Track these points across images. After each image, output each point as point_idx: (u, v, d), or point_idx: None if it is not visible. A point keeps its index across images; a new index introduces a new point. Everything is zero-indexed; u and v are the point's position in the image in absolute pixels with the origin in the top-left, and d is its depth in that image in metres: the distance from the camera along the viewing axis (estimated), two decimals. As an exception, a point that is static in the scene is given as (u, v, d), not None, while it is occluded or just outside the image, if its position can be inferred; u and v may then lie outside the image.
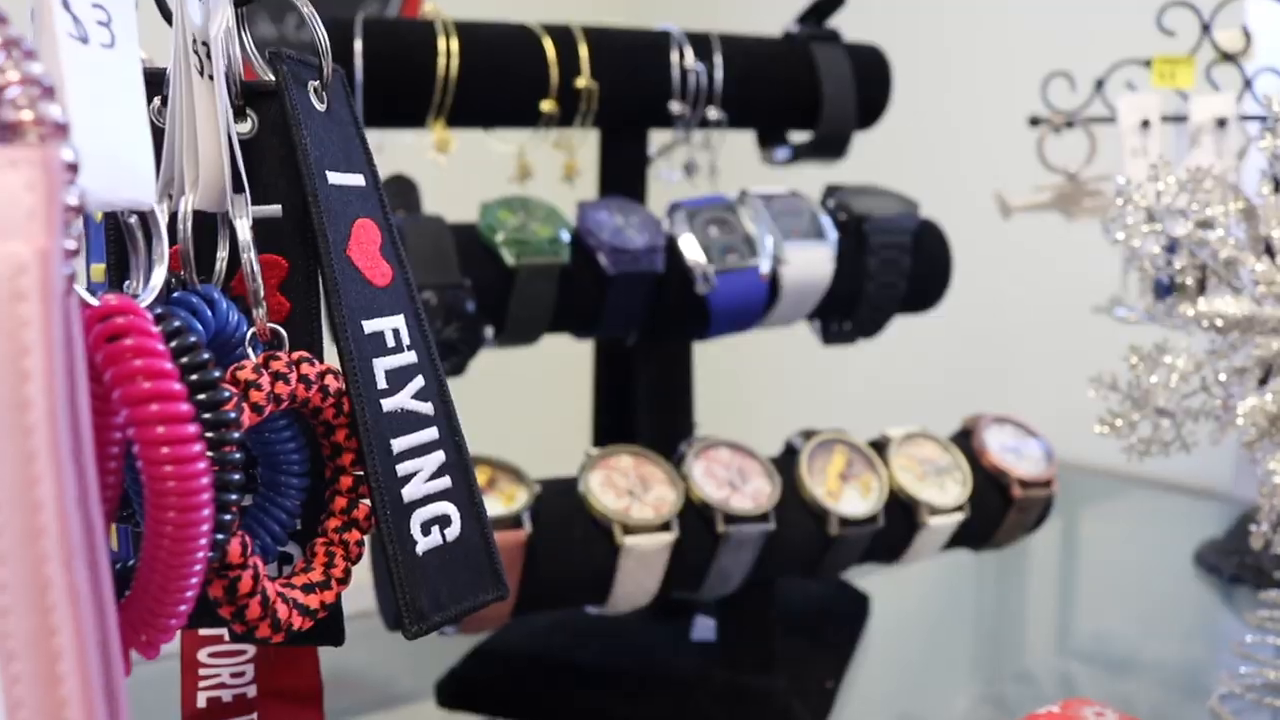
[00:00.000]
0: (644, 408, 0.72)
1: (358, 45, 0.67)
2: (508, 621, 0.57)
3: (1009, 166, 0.97)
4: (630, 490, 0.59)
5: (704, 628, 0.70)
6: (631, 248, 0.65)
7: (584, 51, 0.71)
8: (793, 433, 0.67)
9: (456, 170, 0.82)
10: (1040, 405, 1.28)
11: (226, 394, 0.26)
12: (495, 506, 0.56)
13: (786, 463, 0.64)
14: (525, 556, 0.55)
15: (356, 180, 0.35)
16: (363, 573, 0.37)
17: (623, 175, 0.77)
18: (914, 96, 1.06)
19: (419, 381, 0.35)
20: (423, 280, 0.62)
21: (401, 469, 0.33)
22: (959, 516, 0.66)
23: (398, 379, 0.34)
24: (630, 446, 0.61)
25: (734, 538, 0.59)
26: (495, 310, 0.64)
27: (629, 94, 0.72)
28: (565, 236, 0.65)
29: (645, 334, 0.71)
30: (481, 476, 0.57)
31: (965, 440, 0.70)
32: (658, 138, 0.78)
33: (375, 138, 0.74)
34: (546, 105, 0.71)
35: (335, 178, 0.33)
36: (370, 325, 0.33)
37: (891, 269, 0.73)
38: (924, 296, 0.78)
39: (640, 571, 0.58)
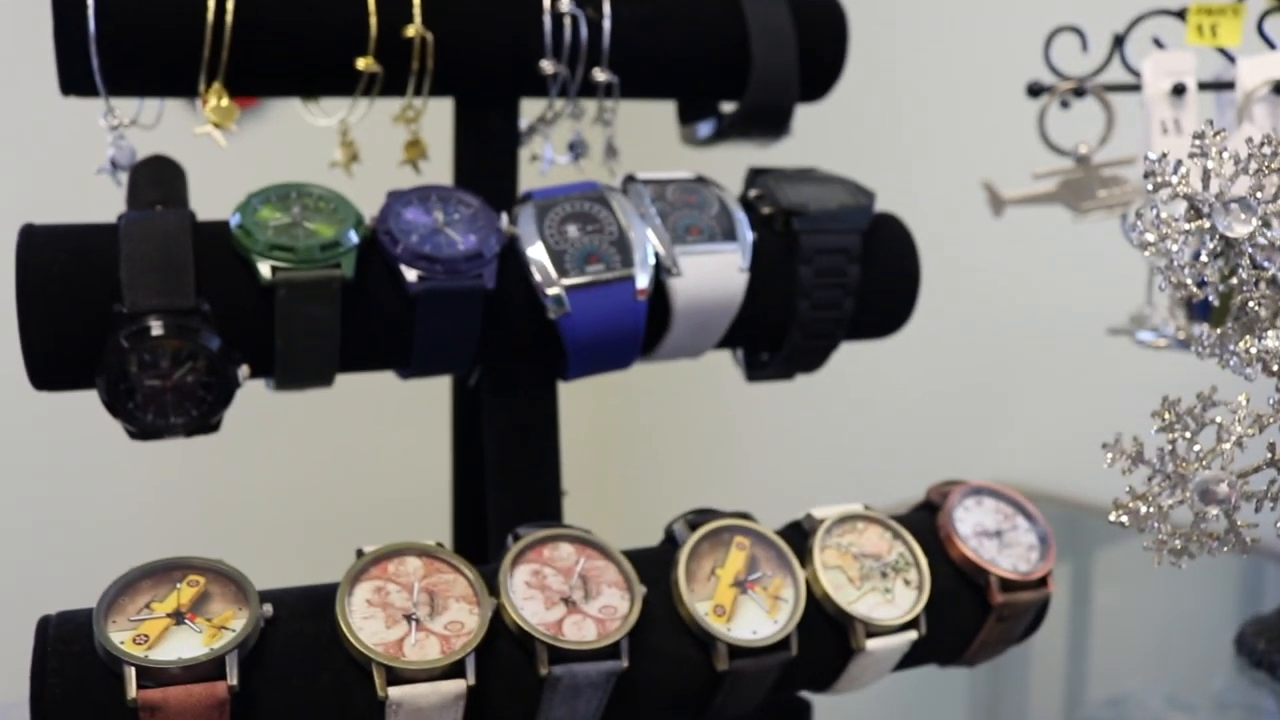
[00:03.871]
0: (493, 470, 0.54)
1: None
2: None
3: (1002, 147, 0.84)
4: (410, 613, 0.40)
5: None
6: (445, 255, 0.47)
7: (415, -11, 0.53)
8: (678, 517, 0.48)
9: (266, 152, 0.64)
10: (1040, 436, 1.09)
11: None
12: (191, 644, 0.37)
13: (661, 562, 0.45)
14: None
15: None
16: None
17: (484, 158, 0.60)
18: (878, 56, 0.88)
19: None
20: (144, 302, 0.43)
21: None
22: (911, 636, 0.46)
23: None
24: (420, 544, 0.42)
25: (564, 682, 0.40)
26: (259, 342, 0.46)
27: (482, 49, 0.55)
28: (352, 239, 0.46)
29: (490, 373, 0.53)
30: (188, 590, 0.39)
31: (928, 520, 0.51)
32: (533, 109, 0.60)
33: (154, 107, 0.56)
34: (363, 63, 0.53)
35: None
36: None
37: (832, 282, 0.55)
38: (882, 318, 0.59)
39: (420, 735, 0.39)
